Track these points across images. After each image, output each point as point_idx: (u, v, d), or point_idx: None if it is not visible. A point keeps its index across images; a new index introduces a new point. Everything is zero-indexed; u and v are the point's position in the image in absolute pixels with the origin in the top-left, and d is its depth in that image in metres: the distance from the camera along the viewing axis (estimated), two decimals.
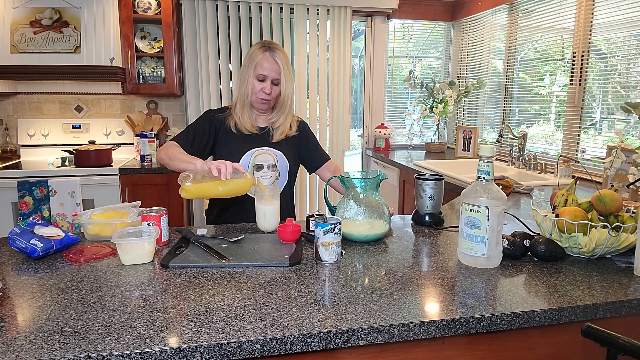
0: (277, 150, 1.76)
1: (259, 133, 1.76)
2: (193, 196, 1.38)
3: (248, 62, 1.67)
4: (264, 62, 1.64)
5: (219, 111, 1.78)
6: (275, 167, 1.75)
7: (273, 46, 1.67)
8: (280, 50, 1.68)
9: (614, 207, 1.26)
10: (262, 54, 1.65)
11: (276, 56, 1.66)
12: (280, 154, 1.76)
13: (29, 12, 3.01)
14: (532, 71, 3.21)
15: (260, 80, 1.66)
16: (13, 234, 1.24)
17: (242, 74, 1.70)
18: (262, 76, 1.65)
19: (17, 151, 3.42)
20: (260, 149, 1.74)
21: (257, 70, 1.65)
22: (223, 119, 1.76)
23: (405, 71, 4.08)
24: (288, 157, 1.78)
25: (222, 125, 1.75)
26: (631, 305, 1.01)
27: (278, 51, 1.67)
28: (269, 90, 1.67)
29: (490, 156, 1.16)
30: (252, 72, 1.65)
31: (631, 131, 2.43)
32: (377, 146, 3.98)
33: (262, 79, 1.66)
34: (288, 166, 1.78)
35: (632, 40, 2.38)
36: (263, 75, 1.65)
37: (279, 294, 1.01)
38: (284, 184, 1.81)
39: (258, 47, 1.67)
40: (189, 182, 1.36)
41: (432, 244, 1.39)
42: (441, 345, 0.96)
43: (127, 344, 0.80)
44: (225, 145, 1.74)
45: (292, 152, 1.81)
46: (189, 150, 1.65)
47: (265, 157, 1.74)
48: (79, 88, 3.48)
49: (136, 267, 1.18)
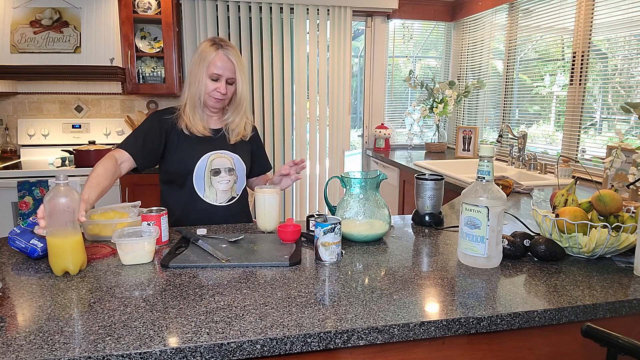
0: (234, 154, 1.70)
1: (213, 136, 1.69)
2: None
3: (199, 61, 1.59)
4: (217, 61, 1.57)
5: (167, 112, 1.69)
6: (233, 171, 1.70)
7: (225, 44, 1.61)
8: (233, 47, 1.62)
9: (614, 207, 1.26)
10: (215, 52, 1.57)
11: (230, 54, 1.59)
12: (237, 157, 1.71)
13: (29, 12, 3.01)
14: (532, 71, 3.21)
15: (214, 80, 1.60)
16: (13, 234, 1.24)
17: (193, 73, 1.61)
18: (216, 75, 1.59)
19: (17, 151, 3.42)
20: (216, 152, 1.67)
21: (211, 69, 1.58)
22: (174, 121, 1.67)
23: (405, 71, 4.08)
24: (245, 160, 1.73)
25: (174, 128, 1.66)
26: (631, 305, 1.01)
27: (231, 49, 1.61)
28: (224, 90, 1.60)
29: (490, 156, 1.16)
30: (205, 71, 1.58)
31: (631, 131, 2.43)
32: (377, 146, 3.98)
33: (215, 79, 1.59)
34: (245, 170, 1.74)
35: (632, 40, 2.38)
36: (217, 75, 1.59)
37: (279, 294, 1.01)
38: (242, 188, 1.76)
39: (209, 44, 1.60)
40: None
41: (432, 244, 1.39)
42: (441, 345, 0.96)
43: (127, 344, 0.80)
44: (178, 149, 1.65)
45: (247, 155, 1.77)
46: (140, 157, 1.58)
47: (222, 161, 1.68)
48: (79, 88, 3.48)
49: (136, 267, 1.18)
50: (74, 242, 1.12)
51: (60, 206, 1.08)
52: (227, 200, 1.71)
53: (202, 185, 1.67)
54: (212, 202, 1.69)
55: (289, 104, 3.73)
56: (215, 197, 1.69)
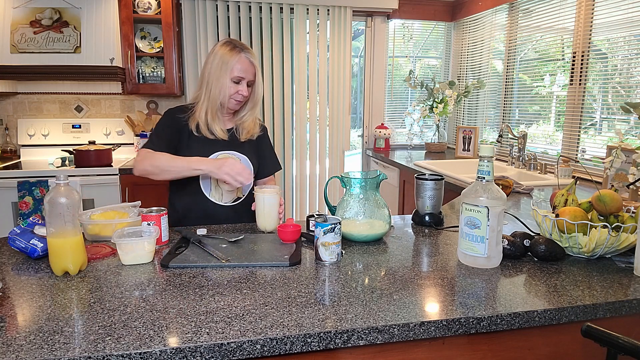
0: (242, 154, 1.71)
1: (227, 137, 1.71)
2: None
3: (220, 64, 1.61)
4: (239, 64, 1.61)
5: (180, 111, 1.69)
6: None
7: (245, 47, 1.65)
8: (251, 50, 1.67)
9: (614, 207, 1.26)
10: (237, 56, 1.61)
11: (251, 57, 1.64)
12: (245, 158, 1.71)
13: (29, 12, 3.01)
14: (532, 71, 3.21)
15: (236, 82, 1.63)
16: (13, 234, 1.24)
17: (213, 77, 1.62)
18: (239, 78, 1.62)
19: (17, 151, 3.42)
20: (224, 152, 1.68)
21: (234, 72, 1.61)
22: (186, 119, 1.68)
23: (405, 71, 4.08)
24: (252, 161, 1.73)
25: (184, 128, 1.67)
26: (631, 305, 1.01)
27: (250, 52, 1.65)
28: (246, 92, 1.64)
29: (490, 156, 1.16)
30: (227, 74, 1.61)
31: (631, 131, 2.43)
32: (377, 146, 3.98)
33: (237, 81, 1.62)
34: (252, 171, 1.73)
35: (632, 40, 2.38)
36: (239, 77, 1.62)
37: (279, 294, 1.01)
38: (249, 189, 1.76)
39: (228, 48, 1.62)
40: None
41: (432, 244, 1.39)
42: (441, 345, 0.96)
43: (127, 344, 0.80)
44: (187, 148, 1.66)
45: (255, 155, 1.77)
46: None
47: None
48: (79, 88, 3.48)
49: (136, 267, 1.18)
50: (74, 242, 1.12)
51: (60, 206, 1.08)
52: (232, 201, 1.72)
53: (208, 185, 1.68)
54: (217, 202, 1.69)
55: (289, 104, 3.73)
56: (221, 197, 1.70)
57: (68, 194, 1.08)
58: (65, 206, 1.08)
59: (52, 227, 1.09)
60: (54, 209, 1.08)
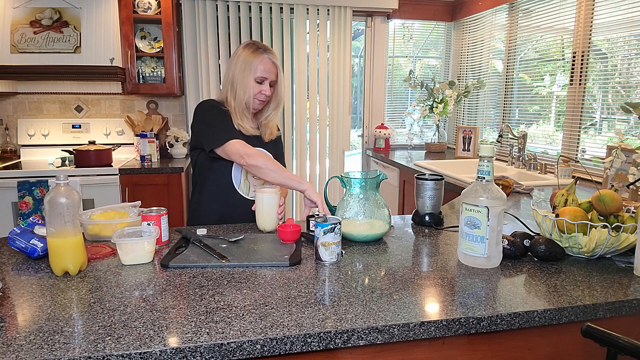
0: (268, 152, 1.74)
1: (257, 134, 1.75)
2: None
3: (244, 66, 1.66)
4: (262, 65, 1.66)
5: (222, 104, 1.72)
6: None
7: (267, 48, 1.70)
8: (273, 51, 1.72)
9: (614, 207, 1.26)
10: (260, 57, 1.66)
11: (273, 58, 1.69)
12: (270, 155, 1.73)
13: (29, 12, 3.01)
14: (532, 71, 3.21)
15: (259, 83, 1.68)
16: (13, 234, 1.24)
17: (238, 79, 1.67)
18: (262, 78, 1.67)
19: (17, 151, 3.42)
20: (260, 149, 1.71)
21: (257, 73, 1.66)
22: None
23: (405, 71, 4.08)
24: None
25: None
26: (631, 305, 1.01)
27: (272, 53, 1.70)
28: (268, 92, 1.70)
29: (490, 156, 1.16)
30: (251, 75, 1.66)
31: (631, 131, 2.43)
32: (377, 146, 3.98)
33: (260, 81, 1.68)
34: None
35: (632, 40, 2.38)
36: (262, 78, 1.67)
37: (279, 294, 1.01)
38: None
39: (251, 50, 1.67)
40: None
41: (432, 244, 1.39)
42: (441, 345, 0.96)
43: (127, 344, 0.80)
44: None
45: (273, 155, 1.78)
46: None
47: None
48: (79, 88, 3.48)
49: (136, 267, 1.18)
50: (74, 242, 1.12)
51: (60, 206, 1.08)
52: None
53: (238, 177, 1.72)
54: (244, 195, 1.73)
55: (289, 104, 3.73)
56: (248, 190, 1.74)
57: (68, 194, 1.08)
58: (65, 206, 1.08)
59: (52, 227, 1.09)
60: (54, 209, 1.08)
